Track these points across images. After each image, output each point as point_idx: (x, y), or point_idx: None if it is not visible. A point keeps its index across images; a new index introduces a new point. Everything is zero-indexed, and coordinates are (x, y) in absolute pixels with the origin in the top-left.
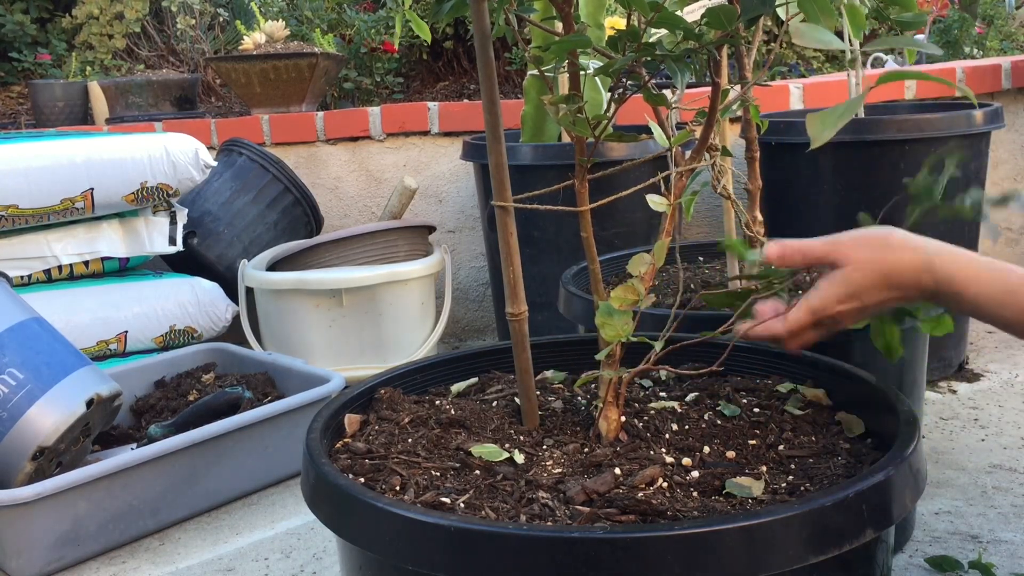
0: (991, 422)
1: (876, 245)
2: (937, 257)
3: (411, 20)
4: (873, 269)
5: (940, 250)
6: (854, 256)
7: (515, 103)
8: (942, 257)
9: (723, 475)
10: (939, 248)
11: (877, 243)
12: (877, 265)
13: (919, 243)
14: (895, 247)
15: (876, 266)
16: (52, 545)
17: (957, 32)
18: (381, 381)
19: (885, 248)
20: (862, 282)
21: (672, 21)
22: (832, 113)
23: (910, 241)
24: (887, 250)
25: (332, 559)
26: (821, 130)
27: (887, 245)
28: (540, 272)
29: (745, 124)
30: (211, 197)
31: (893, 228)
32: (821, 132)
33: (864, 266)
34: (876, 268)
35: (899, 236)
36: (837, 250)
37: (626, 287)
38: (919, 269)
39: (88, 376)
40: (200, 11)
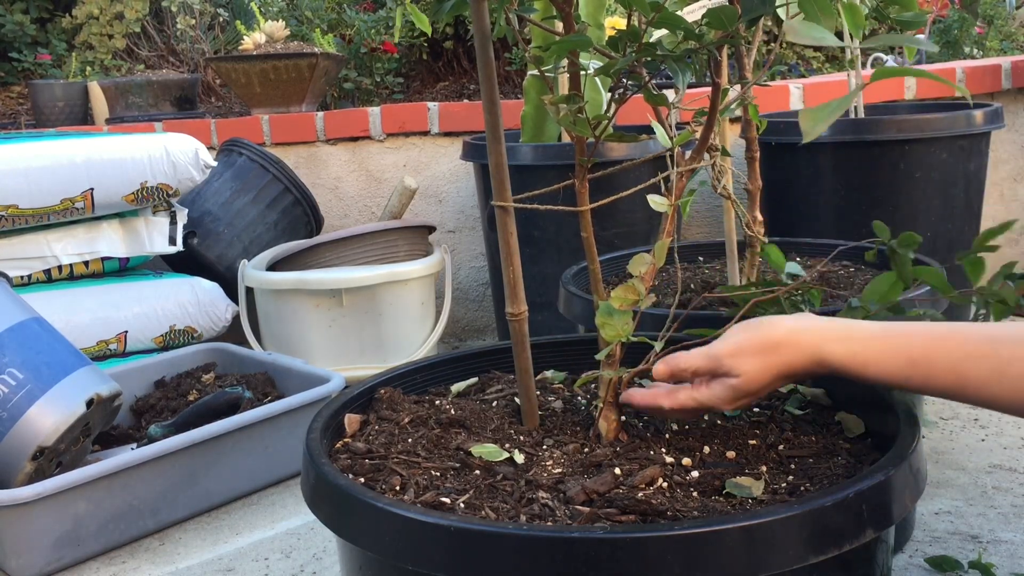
0: (991, 422)
1: (761, 351)
2: (827, 347)
3: (411, 13)
4: (763, 376)
5: (829, 339)
6: (743, 368)
7: (515, 103)
8: (832, 347)
9: (723, 475)
10: (827, 336)
11: (762, 348)
12: (767, 371)
13: (806, 336)
14: (780, 348)
15: (766, 372)
16: (52, 545)
17: (957, 32)
18: (381, 381)
19: (772, 352)
20: (753, 389)
21: (673, 21)
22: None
23: (795, 336)
24: (774, 354)
25: (332, 559)
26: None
27: (773, 348)
28: (540, 272)
29: (745, 124)
30: (211, 197)
31: (774, 321)
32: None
33: (754, 375)
34: (766, 375)
35: (782, 332)
36: (721, 364)
37: (626, 287)
38: (811, 365)
39: (88, 376)
40: (200, 11)
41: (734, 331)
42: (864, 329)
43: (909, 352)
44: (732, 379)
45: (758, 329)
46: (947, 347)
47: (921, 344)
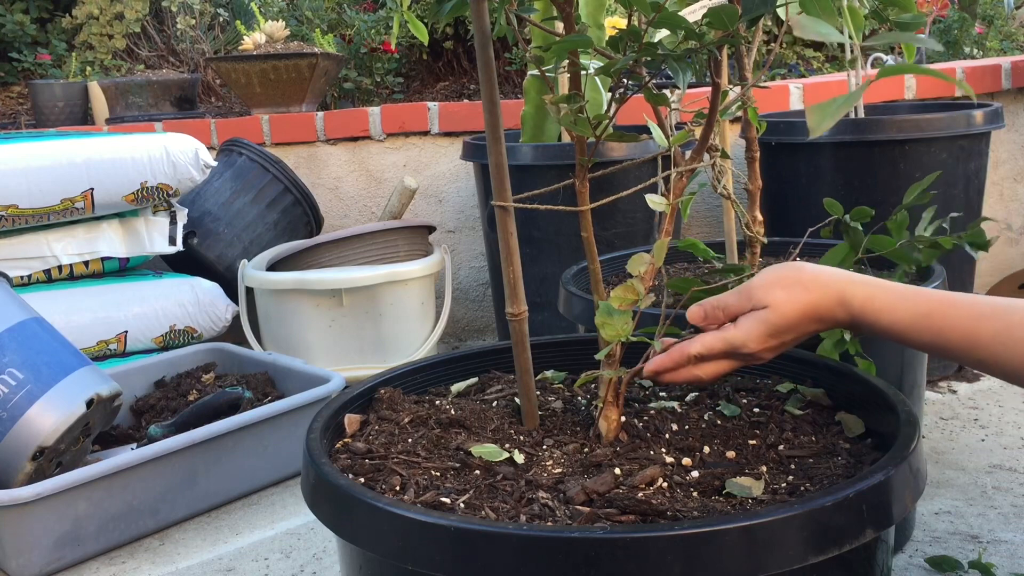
0: (991, 422)
1: (791, 285)
2: (850, 289)
3: (409, 21)
4: (792, 309)
5: (852, 282)
6: (773, 299)
7: (515, 103)
8: (855, 289)
9: (723, 475)
10: (851, 280)
11: (791, 283)
12: (795, 305)
13: (832, 277)
14: (809, 285)
15: (794, 306)
16: (52, 545)
17: (957, 32)
18: (381, 381)
19: (800, 287)
20: (780, 323)
21: (673, 21)
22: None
23: (822, 275)
24: (802, 289)
25: (332, 559)
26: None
27: (801, 283)
28: (540, 272)
29: (745, 124)
30: (211, 197)
31: (803, 264)
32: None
33: (783, 308)
34: (795, 308)
35: (810, 272)
36: (753, 296)
37: (626, 287)
38: (834, 303)
39: (88, 376)
40: (200, 11)
41: (766, 270)
42: (884, 281)
43: (925, 306)
44: (762, 311)
45: (788, 268)
46: (961, 306)
47: (937, 300)
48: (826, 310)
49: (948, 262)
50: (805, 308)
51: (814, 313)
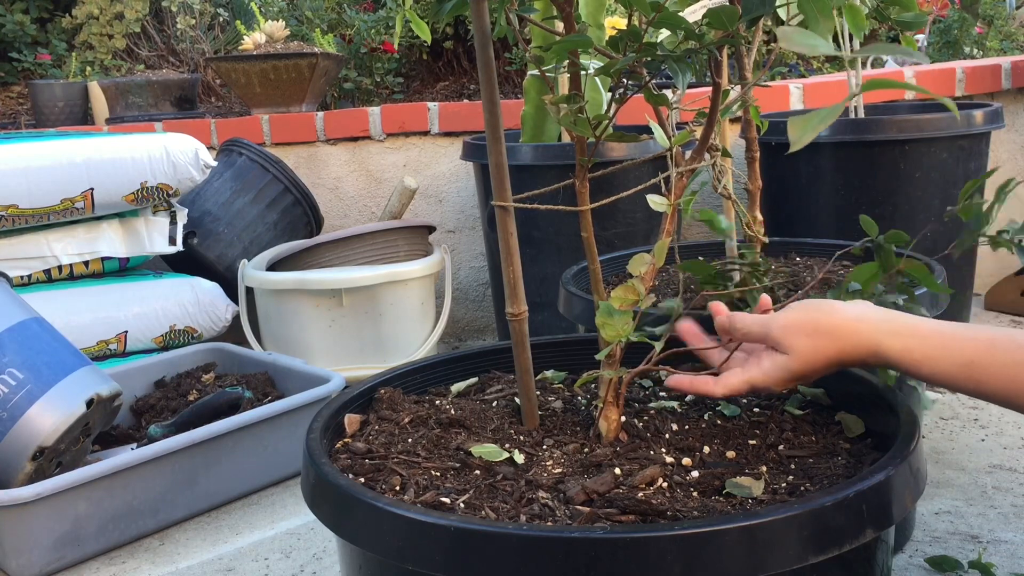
0: (991, 422)
1: (815, 333)
2: (885, 342)
3: (411, 20)
4: (816, 359)
5: (885, 332)
6: (794, 345)
7: (515, 103)
8: (889, 341)
9: (723, 475)
10: (884, 329)
11: (815, 330)
12: (819, 354)
13: (862, 327)
14: (835, 335)
15: (818, 356)
16: (52, 545)
17: (957, 32)
18: (381, 381)
19: (826, 336)
20: (804, 371)
21: (673, 21)
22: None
23: (851, 324)
24: (828, 338)
25: (332, 559)
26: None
27: (827, 333)
28: (540, 272)
29: (745, 124)
30: (211, 197)
31: (830, 305)
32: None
33: (806, 357)
34: (819, 358)
35: (839, 319)
36: (771, 335)
37: (626, 287)
38: (866, 354)
39: (88, 376)
40: (200, 11)
41: (793, 307)
42: (921, 326)
43: (964, 354)
44: (782, 356)
45: (816, 311)
46: (1002, 352)
47: (975, 348)
48: (856, 359)
49: (948, 262)
50: (831, 358)
51: (841, 362)
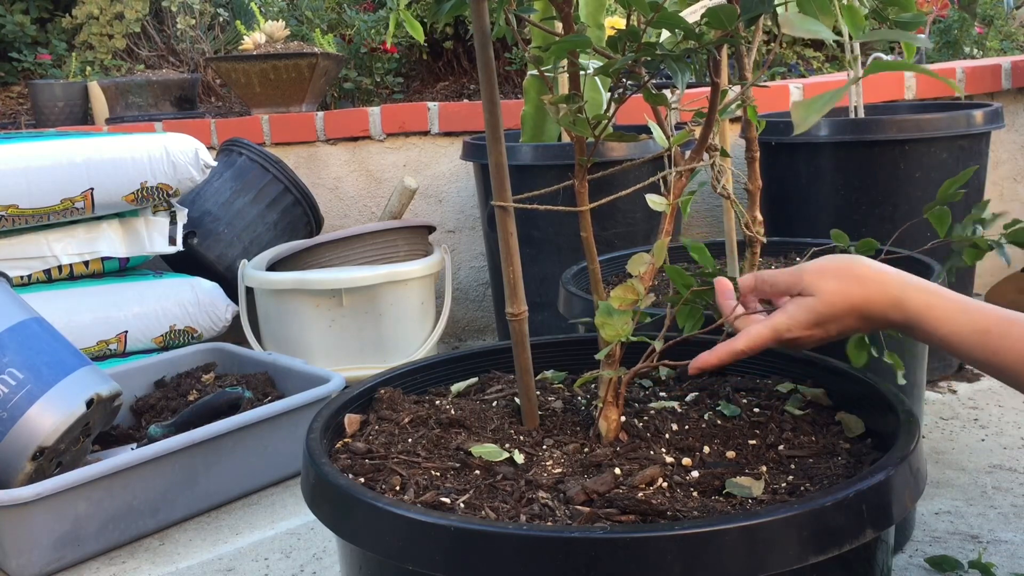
0: (991, 422)
1: (845, 276)
2: (909, 294)
3: (405, 20)
4: (842, 301)
5: (911, 286)
6: (822, 287)
7: (515, 103)
8: (914, 295)
9: (723, 475)
10: (910, 283)
11: (846, 274)
12: (845, 297)
13: (889, 277)
14: (864, 280)
15: (844, 298)
16: (52, 545)
17: (957, 32)
18: (381, 381)
19: (854, 280)
20: (829, 313)
21: (672, 21)
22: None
23: (880, 274)
24: (856, 283)
25: (332, 559)
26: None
27: (856, 277)
28: (540, 272)
29: (745, 124)
30: (211, 197)
31: (861, 257)
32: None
33: (832, 298)
34: (844, 301)
35: (868, 268)
36: (803, 280)
37: (625, 287)
38: (889, 305)
39: (88, 376)
40: (200, 11)
41: (821, 258)
42: (944, 290)
43: (983, 321)
44: (809, 299)
45: (848, 259)
46: (1021, 326)
47: (996, 318)
48: (878, 309)
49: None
50: (855, 303)
51: (864, 309)
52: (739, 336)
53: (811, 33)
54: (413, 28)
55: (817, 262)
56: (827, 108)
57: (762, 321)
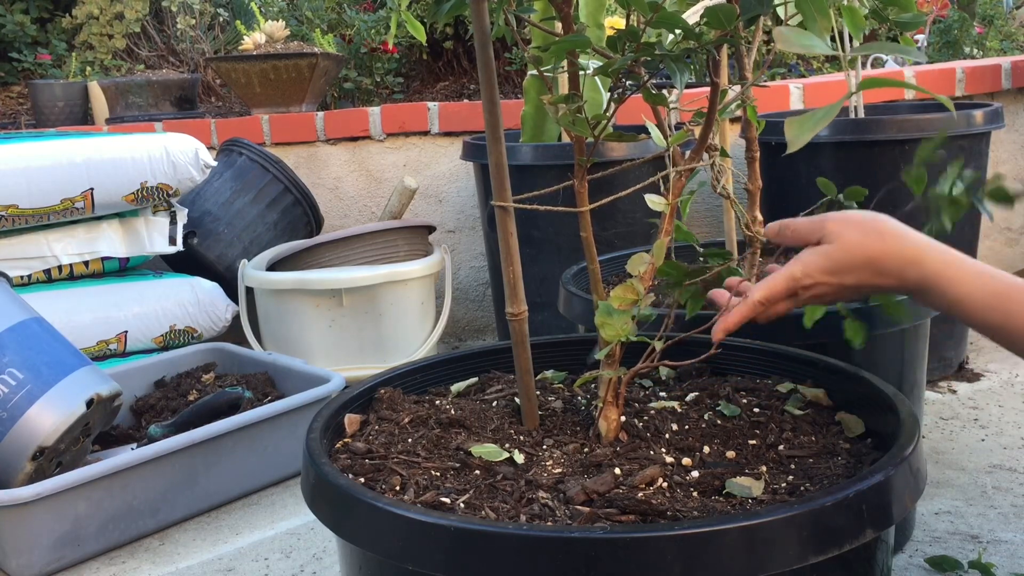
0: (991, 422)
1: (867, 229)
2: (927, 253)
3: (406, 21)
4: (860, 252)
5: (931, 246)
6: (843, 235)
7: (515, 103)
8: (932, 254)
9: (723, 475)
10: (930, 244)
11: (868, 227)
12: (864, 249)
13: (911, 236)
14: (886, 235)
15: (863, 250)
16: (52, 545)
17: (957, 32)
18: (381, 381)
19: (875, 234)
20: (846, 262)
21: (671, 21)
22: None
23: (901, 232)
24: (877, 236)
25: (332, 559)
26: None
27: (878, 231)
28: (540, 272)
29: (745, 124)
30: (211, 197)
31: (885, 216)
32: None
33: (851, 247)
34: (863, 252)
35: (891, 224)
36: (825, 227)
37: (625, 287)
38: (906, 261)
39: (88, 376)
40: (200, 11)
41: (847, 211)
42: (959, 254)
43: (999, 285)
44: (825, 245)
45: (870, 214)
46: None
47: (1012, 283)
48: (895, 265)
49: None
50: (873, 255)
51: (880, 263)
52: (755, 287)
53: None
54: (415, 28)
55: (842, 212)
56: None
57: (776, 272)
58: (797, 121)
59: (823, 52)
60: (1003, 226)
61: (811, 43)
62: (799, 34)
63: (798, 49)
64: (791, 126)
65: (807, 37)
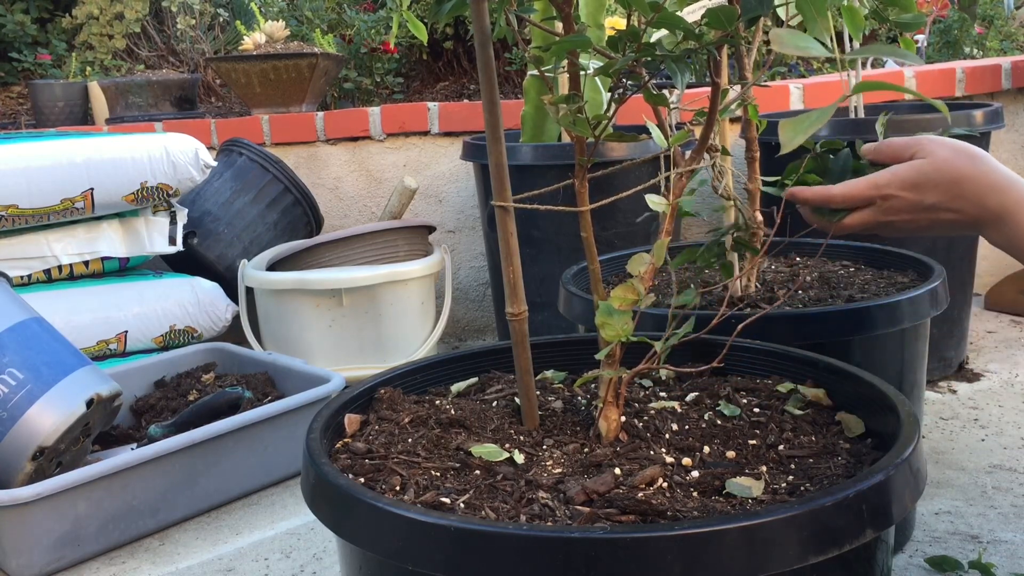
0: (991, 422)
1: (961, 151)
2: (1014, 184)
3: (408, 21)
4: (948, 169)
5: (1018, 180)
6: (936, 152)
7: (515, 103)
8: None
9: (723, 475)
10: (1017, 178)
11: (962, 150)
12: (953, 167)
13: (1000, 166)
14: (976, 159)
15: (951, 167)
16: (52, 545)
17: (957, 32)
18: (381, 381)
19: (967, 156)
20: (932, 176)
21: (672, 21)
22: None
23: (992, 160)
24: (968, 159)
25: (332, 559)
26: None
27: (970, 155)
28: (540, 272)
29: (745, 124)
30: (211, 197)
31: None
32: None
33: (941, 163)
34: (951, 169)
35: (983, 153)
36: (920, 143)
37: (626, 287)
38: (989, 187)
39: (88, 376)
40: (200, 11)
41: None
42: None
43: None
44: (918, 160)
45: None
46: None
47: None
48: (978, 189)
49: (948, 262)
50: (961, 174)
51: (965, 185)
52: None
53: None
54: (416, 28)
55: (943, 138)
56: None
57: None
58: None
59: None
60: None
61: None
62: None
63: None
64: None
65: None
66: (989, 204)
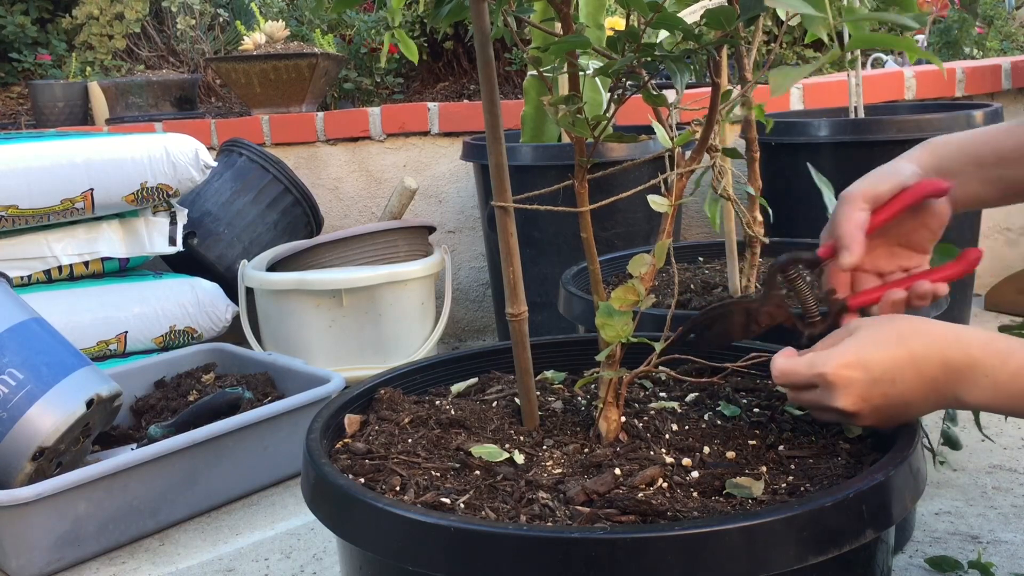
0: (991, 423)
1: (901, 323)
2: (966, 332)
3: (400, 40)
4: (890, 334)
5: (969, 329)
6: (870, 323)
7: (515, 103)
8: (970, 334)
9: (723, 475)
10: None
11: (904, 324)
12: (897, 334)
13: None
14: (920, 328)
15: (895, 334)
16: (52, 545)
17: (957, 32)
18: (381, 381)
19: (911, 324)
20: (876, 340)
21: (671, 21)
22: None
23: (937, 323)
24: (908, 320)
25: (332, 559)
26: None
27: (910, 318)
28: (540, 272)
29: (745, 124)
30: (211, 197)
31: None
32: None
33: (880, 334)
34: (894, 335)
35: (924, 323)
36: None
37: (626, 287)
38: (945, 344)
39: (88, 376)
40: (200, 11)
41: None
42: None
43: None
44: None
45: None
46: None
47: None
48: (936, 350)
49: None
50: (910, 334)
51: (917, 343)
52: (782, 358)
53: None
54: (408, 50)
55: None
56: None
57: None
58: (781, 71)
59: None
60: (1003, 226)
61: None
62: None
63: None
64: (775, 76)
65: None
66: (950, 355)
